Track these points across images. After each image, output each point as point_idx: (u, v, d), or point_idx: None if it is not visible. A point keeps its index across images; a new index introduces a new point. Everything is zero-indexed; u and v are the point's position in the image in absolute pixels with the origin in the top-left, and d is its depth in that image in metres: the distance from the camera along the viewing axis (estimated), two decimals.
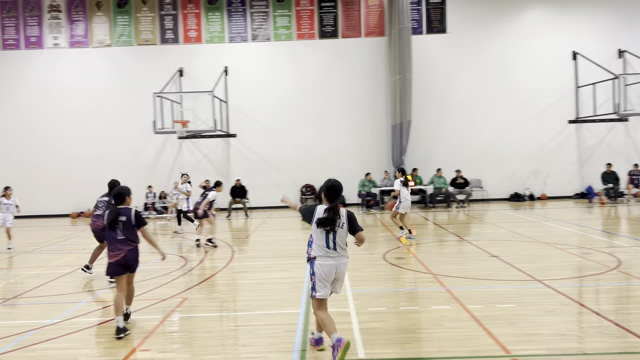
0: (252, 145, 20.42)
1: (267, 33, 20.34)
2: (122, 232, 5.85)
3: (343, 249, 4.93)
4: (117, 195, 6.03)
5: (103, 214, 7.97)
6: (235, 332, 5.85)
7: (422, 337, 5.45)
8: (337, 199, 4.93)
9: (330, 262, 4.87)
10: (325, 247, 4.85)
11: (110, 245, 5.89)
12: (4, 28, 20.15)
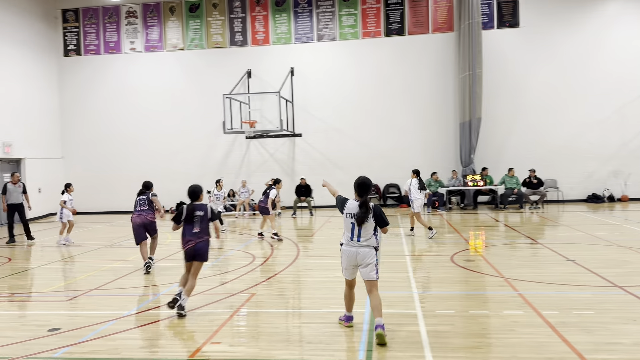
0: (317, 145, 20.57)
1: (332, 33, 20.41)
2: (199, 225, 6.58)
3: (367, 239, 5.46)
4: (193, 192, 6.73)
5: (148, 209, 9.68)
6: (301, 329, 5.91)
7: (493, 342, 5.26)
8: (367, 194, 5.53)
9: (351, 250, 5.51)
10: (350, 237, 5.48)
11: (186, 236, 6.60)
12: (85, 34, 21.46)
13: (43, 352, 5.23)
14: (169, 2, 21.00)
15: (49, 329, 5.99)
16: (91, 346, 5.40)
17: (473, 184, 18.31)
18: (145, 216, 9.64)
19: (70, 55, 21.50)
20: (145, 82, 21.20)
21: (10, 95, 18.58)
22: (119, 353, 5.18)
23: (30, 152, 19.51)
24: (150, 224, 9.73)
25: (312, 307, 6.68)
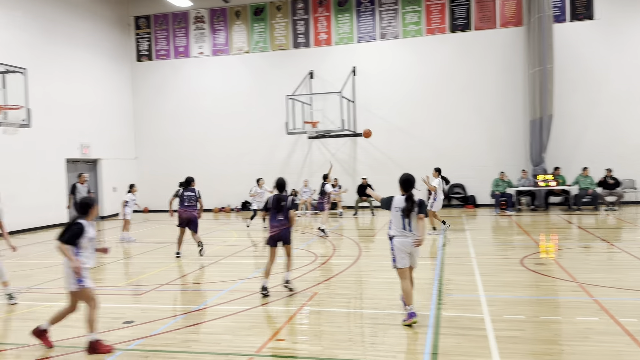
0: (378, 144, 20.42)
1: (395, 30, 20.20)
2: (283, 214, 7.40)
3: (416, 229, 5.99)
4: (281, 185, 7.66)
5: (195, 204, 10.84)
6: (363, 329, 5.88)
7: (565, 349, 5.01)
8: (411, 189, 6.09)
9: (404, 239, 5.96)
10: (402, 228, 6.00)
11: (272, 223, 7.46)
12: (156, 40, 22.44)
13: (119, 344, 5.51)
14: (235, 6, 21.55)
15: (123, 322, 6.31)
16: (163, 339, 5.64)
17: (544, 184, 17.52)
18: (191, 212, 10.79)
19: (143, 60, 22.55)
20: (212, 85, 21.88)
21: (88, 99, 19.74)
22: (188, 347, 5.37)
23: (106, 153, 20.65)
24: (195, 219, 10.82)
25: (375, 308, 6.63)
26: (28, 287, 8.43)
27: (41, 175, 16.78)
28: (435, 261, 9.48)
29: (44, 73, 17.19)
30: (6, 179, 15.57)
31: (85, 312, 5.42)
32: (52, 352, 5.35)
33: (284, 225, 7.41)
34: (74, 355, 5.26)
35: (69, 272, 5.29)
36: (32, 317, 6.73)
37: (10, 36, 16.29)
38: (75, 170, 19.39)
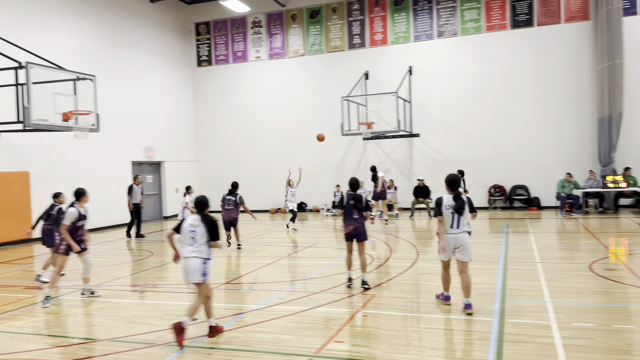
0: (435, 144, 20.07)
1: (453, 28, 19.79)
2: (357, 212, 7.72)
3: (465, 225, 6.44)
4: (354, 184, 7.88)
5: (233, 208, 12.10)
6: (422, 333, 5.79)
7: None
8: (458, 187, 6.53)
9: (450, 236, 6.44)
10: (450, 226, 6.41)
11: (347, 221, 7.78)
12: (216, 45, 23.06)
13: (183, 341, 5.69)
14: (291, 9, 21.81)
15: None
16: (225, 337, 5.77)
17: (614, 186, 16.61)
18: (231, 214, 12.16)
19: (203, 65, 23.24)
20: (269, 88, 22.23)
21: (152, 104, 20.55)
22: (249, 345, 5.48)
23: (168, 156, 21.42)
24: (235, 220, 12.17)
25: (434, 312, 6.52)
26: (98, 284, 8.87)
27: (108, 177, 17.61)
28: (497, 265, 9.20)
29: (111, 79, 18.05)
30: (76, 181, 16.42)
31: (204, 303, 5.82)
32: (123, 348, 5.59)
33: (359, 223, 7.77)
34: (142, 350, 5.47)
35: (197, 266, 5.68)
36: (102, 314, 7.07)
37: (82, 45, 17.23)
38: (141, 173, 20.24)
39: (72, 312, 7.15)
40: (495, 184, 19.34)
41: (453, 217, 6.39)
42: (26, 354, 5.41)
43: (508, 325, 5.82)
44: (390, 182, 18.51)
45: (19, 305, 7.58)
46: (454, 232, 6.44)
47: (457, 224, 6.41)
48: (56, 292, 8.16)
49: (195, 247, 5.68)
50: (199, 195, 5.97)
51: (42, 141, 15.25)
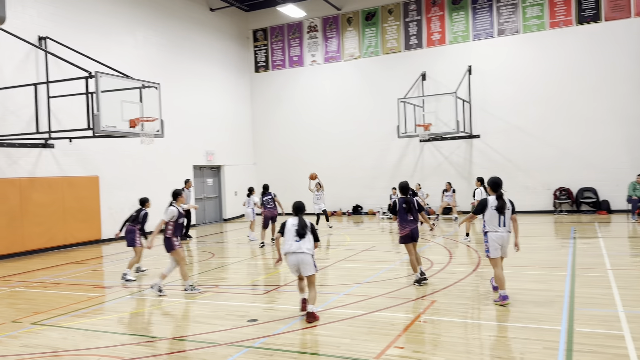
0: (496, 146, 19.49)
1: (515, 26, 19.16)
2: (412, 214, 8.17)
3: (509, 225, 6.98)
4: (404, 188, 8.24)
5: (274, 206, 13.67)
6: (484, 341, 5.62)
7: None
8: (500, 188, 7.00)
9: (498, 235, 6.93)
10: (497, 225, 6.95)
11: (402, 223, 8.20)
12: (273, 51, 23.43)
13: (244, 341, 5.81)
14: (347, 13, 21.86)
15: (248, 320, 6.64)
16: (284, 339, 5.84)
17: None
18: (272, 211, 13.63)
19: (260, 71, 23.68)
20: (324, 91, 22.36)
21: (212, 109, 21.15)
22: (308, 348, 5.52)
23: (228, 160, 21.96)
24: (275, 217, 13.59)
25: (497, 320, 6.32)
26: (163, 284, 9.20)
27: (172, 181, 18.22)
28: (565, 272, 8.80)
29: (174, 87, 18.74)
30: (141, 185, 17.19)
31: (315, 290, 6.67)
32: (187, 347, 5.77)
33: (414, 225, 8.23)
34: (206, 349, 5.63)
35: (309, 260, 6.60)
36: (167, 313, 7.33)
37: (147, 55, 17.99)
38: (202, 176, 20.87)
39: (139, 310, 7.45)
40: (561, 187, 18.54)
41: (499, 217, 6.92)
42: (97, 351, 5.69)
43: (577, 334, 5.56)
44: (448, 185, 18.12)
45: (89, 303, 7.98)
46: (501, 231, 6.94)
47: (504, 223, 6.94)
48: (125, 291, 8.55)
49: (305, 244, 6.58)
50: (297, 201, 6.94)
51: (110, 147, 16.04)
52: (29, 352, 5.71)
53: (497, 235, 6.94)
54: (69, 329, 6.56)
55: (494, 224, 6.95)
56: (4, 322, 7.02)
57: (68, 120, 14.11)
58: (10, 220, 13.18)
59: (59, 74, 14.02)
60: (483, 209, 7.03)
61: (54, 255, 13.47)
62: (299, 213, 6.82)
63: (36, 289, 9.31)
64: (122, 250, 13.94)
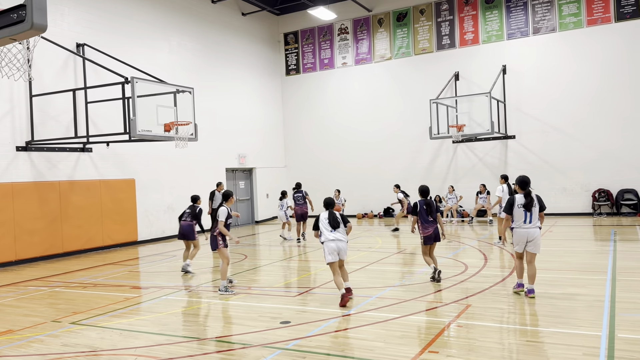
0: (532, 147, 19.06)
1: (550, 24, 18.72)
2: (432, 216, 8.59)
3: (535, 221, 7.28)
4: (425, 191, 8.71)
5: (304, 203, 14.76)
6: (520, 346, 5.48)
7: None
8: (528, 187, 7.34)
9: (523, 231, 7.29)
10: (523, 222, 7.30)
11: (424, 224, 8.62)
12: (303, 54, 23.53)
13: (277, 343, 5.83)
14: (378, 14, 21.77)
15: (281, 322, 6.66)
16: (317, 341, 5.83)
17: None
18: (303, 208, 14.66)
19: (291, 74, 23.81)
20: (355, 93, 22.32)
21: (244, 113, 21.38)
22: (341, 350, 5.49)
23: (259, 163, 22.15)
24: (306, 214, 14.58)
25: (535, 325, 6.16)
26: (197, 286, 9.33)
27: (204, 183, 18.50)
28: (605, 276, 8.53)
29: (207, 91, 19.03)
30: (175, 187, 17.52)
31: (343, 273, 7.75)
32: (222, 347, 5.83)
33: (435, 225, 8.62)
34: (240, 350, 5.67)
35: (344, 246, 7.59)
36: (201, 314, 7.42)
37: (181, 59, 18.33)
38: (234, 179, 21.11)
39: (174, 311, 7.57)
40: (600, 188, 17.98)
41: (525, 214, 7.27)
42: (134, 350, 5.80)
43: (619, 341, 5.37)
44: (482, 186, 17.78)
45: (127, 304, 8.16)
46: (526, 227, 7.28)
47: (530, 219, 7.25)
48: (161, 292, 8.71)
49: (339, 233, 7.57)
50: (327, 197, 7.99)
51: (145, 150, 16.39)
52: (69, 351, 5.87)
53: (520, 232, 7.31)
54: (106, 328, 6.72)
55: (520, 220, 7.30)
56: (45, 321, 7.24)
57: (105, 124, 14.49)
58: (51, 222, 13.60)
59: (96, 80, 14.43)
60: (511, 206, 7.36)
61: (92, 257, 13.84)
62: (329, 207, 7.78)
63: (75, 289, 9.58)
64: (157, 252, 14.22)
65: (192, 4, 19.02)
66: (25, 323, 7.17)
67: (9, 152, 12.93)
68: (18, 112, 13.20)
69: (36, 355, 5.78)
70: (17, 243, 12.77)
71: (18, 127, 13.18)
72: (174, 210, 17.43)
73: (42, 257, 13.38)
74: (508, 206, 7.41)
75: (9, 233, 12.62)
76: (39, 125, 13.55)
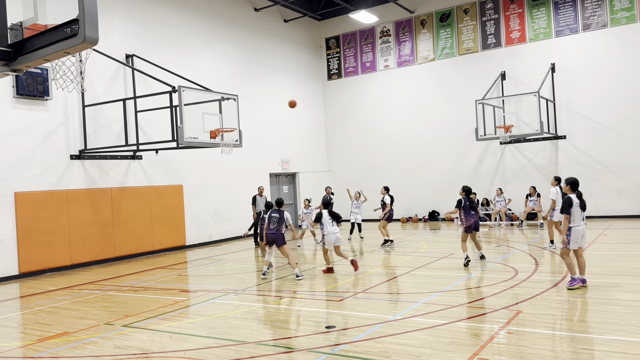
0: (584, 147, 18.34)
1: (601, 20, 18.00)
2: (474, 210, 10.60)
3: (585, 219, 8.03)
4: (468, 190, 10.68)
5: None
6: (574, 354, 5.25)
7: None
8: (578, 187, 8.00)
9: (581, 228, 7.90)
10: (581, 219, 7.93)
11: (467, 217, 10.54)
12: (345, 58, 23.53)
13: (323, 347, 5.82)
14: (420, 15, 21.53)
15: (326, 326, 6.65)
16: (363, 346, 5.78)
17: None
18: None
19: (333, 78, 23.86)
20: (397, 96, 22.12)
21: (287, 118, 21.53)
22: (388, 357, 5.42)
23: (302, 167, 22.27)
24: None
25: (590, 332, 5.90)
26: (243, 289, 9.45)
27: (249, 188, 18.76)
28: None
29: (251, 97, 19.31)
30: (221, 192, 17.85)
31: None
32: (268, 352, 5.86)
33: (476, 217, 10.60)
34: (285, 355, 5.70)
35: None
36: (248, 317, 7.51)
37: (225, 67, 18.70)
38: (278, 184, 21.30)
39: (222, 314, 7.68)
40: None
41: (582, 213, 7.93)
42: (183, 353, 5.92)
43: None
44: (532, 189, 17.17)
45: (175, 307, 8.35)
46: (582, 225, 7.95)
47: (583, 218, 7.97)
48: (209, 295, 8.88)
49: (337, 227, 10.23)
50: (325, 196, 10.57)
51: (192, 157, 16.78)
52: (121, 354, 6.05)
53: (579, 229, 7.87)
54: (156, 331, 6.89)
55: (578, 218, 7.87)
56: (98, 324, 7.50)
57: (154, 132, 14.93)
58: (103, 228, 14.11)
59: (145, 89, 14.89)
60: (570, 206, 7.83)
61: (142, 261, 14.26)
62: (329, 207, 10.37)
63: (127, 292, 9.88)
64: (204, 256, 14.51)
65: (235, 12, 19.38)
66: (80, 325, 7.44)
67: (63, 160, 13.51)
68: (72, 122, 13.78)
69: (91, 357, 5.98)
70: (72, 248, 13.31)
71: (72, 137, 13.76)
72: (220, 215, 17.77)
73: (95, 261, 13.89)
74: (567, 206, 7.83)
75: (64, 239, 13.17)
76: (91, 134, 14.10)
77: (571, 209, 7.81)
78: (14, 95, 12.48)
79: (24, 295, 10.28)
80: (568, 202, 7.83)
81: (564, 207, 7.87)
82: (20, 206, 12.35)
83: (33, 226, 12.55)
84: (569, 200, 7.82)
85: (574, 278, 7.91)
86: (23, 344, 6.78)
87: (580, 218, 7.89)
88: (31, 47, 4.10)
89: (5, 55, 4.14)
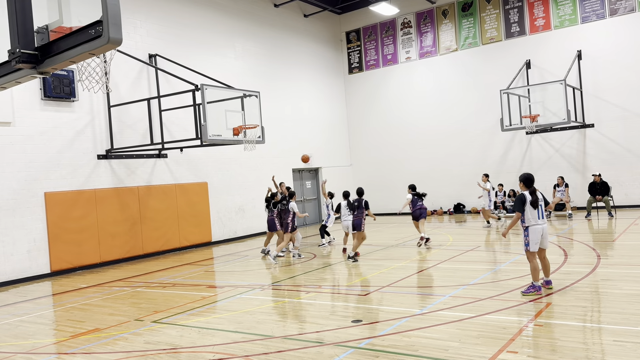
0: (614, 135, 17.88)
1: (629, 4, 17.48)
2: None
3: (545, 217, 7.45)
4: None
5: None
6: (607, 346, 5.14)
7: None
8: (533, 184, 7.45)
9: (539, 227, 7.34)
10: (538, 218, 7.35)
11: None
12: (366, 51, 23.38)
13: (350, 341, 5.82)
14: (442, 5, 21.25)
15: (352, 320, 6.65)
16: (390, 340, 5.77)
17: None
18: None
19: (354, 72, 23.74)
20: (420, 88, 21.90)
21: (308, 113, 21.56)
22: (415, 350, 5.39)
23: (325, 162, 22.25)
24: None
25: (621, 324, 5.76)
26: (270, 284, 9.51)
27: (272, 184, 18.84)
28: None
29: (272, 93, 19.36)
30: (245, 188, 17.97)
31: None
32: (295, 345, 5.90)
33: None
34: (313, 349, 5.72)
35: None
36: (275, 312, 7.56)
37: (247, 65, 18.78)
38: (300, 179, 21.34)
39: (249, 309, 7.75)
40: None
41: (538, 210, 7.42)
42: (211, 348, 5.99)
43: None
44: (560, 179, 16.82)
45: (203, 302, 8.45)
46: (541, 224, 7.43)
47: (542, 215, 7.44)
48: (235, 290, 8.97)
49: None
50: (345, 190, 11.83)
51: (216, 154, 16.93)
52: (151, 349, 6.15)
53: (537, 229, 7.31)
54: (185, 326, 6.99)
55: (535, 217, 7.34)
56: (128, 320, 7.65)
57: (178, 131, 15.11)
58: (132, 225, 14.36)
59: (168, 88, 15.07)
60: (522, 205, 7.34)
61: (170, 258, 14.47)
62: (347, 197, 11.70)
63: (155, 289, 10.05)
64: (230, 252, 14.65)
65: (255, 9, 19.43)
66: (111, 322, 7.60)
67: (90, 160, 13.77)
68: (98, 122, 14.03)
69: (121, 352, 6.10)
70: (101, 246, 13.58)
71: (98, 137, 14.02)
72: (244, 211, 17.90)
73: (124, 258, 14.15)
74: (520, 204, 7.38)
75: (93, 237, 13.45)
76: (117, 134, 14.34)
77: (524, 207, 7.29)
78: (42, 97, 12.77)
79: (56, 292, 10.54)
80: (521, 199, 7.33)
81: (516, 205, 7.41)
82: (50, 206, 12.64)
83: (63, 225, 12.84)
84: (522, 198, 7.33)
85: (534, 285, 7.30)
86: (57, 340, 6.96)
87: (537, 216, 7.31)
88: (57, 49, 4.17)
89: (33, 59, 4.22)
